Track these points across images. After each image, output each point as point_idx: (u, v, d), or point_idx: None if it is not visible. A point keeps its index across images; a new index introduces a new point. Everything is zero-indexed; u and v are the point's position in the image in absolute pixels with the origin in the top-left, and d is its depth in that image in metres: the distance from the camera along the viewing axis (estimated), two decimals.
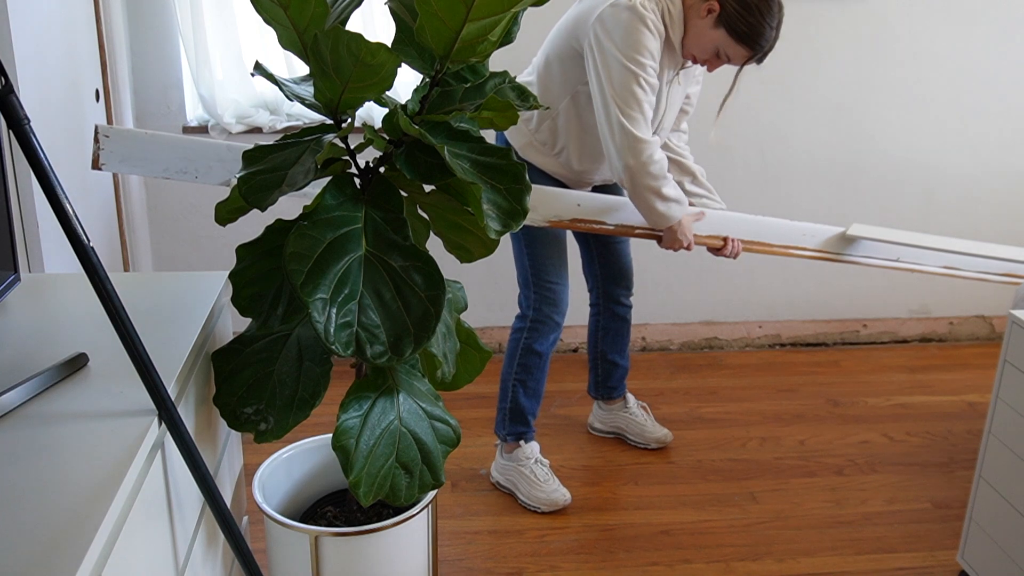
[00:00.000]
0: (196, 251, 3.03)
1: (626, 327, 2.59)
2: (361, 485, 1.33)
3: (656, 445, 2.63)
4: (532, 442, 2.41)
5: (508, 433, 2.40)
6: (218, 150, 1.95)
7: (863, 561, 2.16)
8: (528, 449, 2.39)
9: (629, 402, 2.67)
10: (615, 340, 2.60)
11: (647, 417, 2.67)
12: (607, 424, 2.70)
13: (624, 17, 2.02)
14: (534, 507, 2.32)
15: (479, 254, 1.51)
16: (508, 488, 2.40)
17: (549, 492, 2.32)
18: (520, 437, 2.40)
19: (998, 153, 3.27)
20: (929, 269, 2.44)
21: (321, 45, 1.20)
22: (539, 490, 2.33)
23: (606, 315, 2.58)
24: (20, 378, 1.10)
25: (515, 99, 1.38)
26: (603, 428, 2.71)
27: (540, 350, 2.35)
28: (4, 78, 0.97)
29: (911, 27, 3.08)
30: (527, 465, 2.37)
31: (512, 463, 2.39)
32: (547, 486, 2.34)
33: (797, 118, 3.15)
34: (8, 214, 1.27)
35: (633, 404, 2.68)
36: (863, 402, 2.96)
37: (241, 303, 1.39)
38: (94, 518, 0.86)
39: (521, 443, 2.40)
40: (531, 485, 2.34)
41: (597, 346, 2.63)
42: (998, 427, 1.88)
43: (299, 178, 1.24)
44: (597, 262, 2.54)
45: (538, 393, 2.40)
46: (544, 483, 2.34)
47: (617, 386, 2.65)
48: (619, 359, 2.62)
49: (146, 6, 2.77)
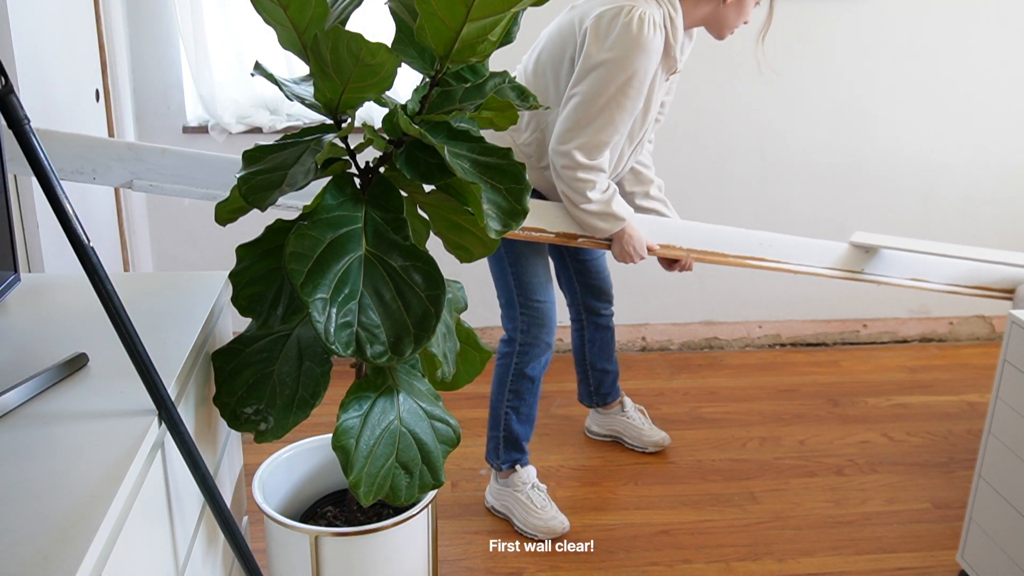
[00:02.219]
0: (196, 251, 3.02)
1: (610, 334, 2.57)
2: (361, 485, 1.33)
3: (654, 449, 2.61)
4: (528, 467, 2.32)
5: (503, 462, 2.31)
6: (118, 149, 1.85)
7: (863, 561, 2.16)
8: (524, 474, 2.29)
9: (626, 406, 2.65)
10: (602, 349, 2.58)
11: (644, 420, 2.65)
12: (604, 428, 2.68)
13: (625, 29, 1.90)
14: (531, 534, 2.23)
15: (479, 254, 1.51)
16: (504, 514, 2.31)
17: (547, 520, 2.23)
18: (516, 463, 2.31)
19: (998, 153, 3.27)
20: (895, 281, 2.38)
21: (321, 45, 1.20)
22: (536, 517, 2.23)
23: (590, 327, 2.56)
24: (20, 378, 1.10)
25: (515, 99, 1.38)
26: (600, 432, 2.69)
27: (532, 375, 2.25)
28: (4, 78, 0.97)
29: (911, 27, 3.08)
30: (523, 491, 2.27)
31: (508, 488, 2.29)
32: (544, 513, 2.24)
33: (797, 118, 3.15)
34: (8, 214, 1.27)
35: (630, 408, 2.65)
36: (863, 402, 2.96)
37: (241, 303, 1.39)
38: (94, 518, 0.86)
39: (517, 467, 2.30)
40: (527, 512, 2.24)
41: (585, 358, 2.60)
42: (998, 427, 1.88)
43: (299, 178, 1.24)
44: (576, 279, 2.50)
45: (531, 418, 2.31)
46: (541, 510, 2.24)
47: (611, 391, 2.64)
48: (608, 365, 2.60)
49: (146, 6, 2.77)
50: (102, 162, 1.84)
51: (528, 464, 2.33)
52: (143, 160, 1.86)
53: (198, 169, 1.90)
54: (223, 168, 1.92)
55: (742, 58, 3.03)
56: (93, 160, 1.84)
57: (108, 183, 1.86)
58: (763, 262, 2.30)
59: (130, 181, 1.86)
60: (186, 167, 1.89)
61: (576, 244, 2.17)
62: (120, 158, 1.85)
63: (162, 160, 1.88)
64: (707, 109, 3.09)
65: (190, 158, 1.90)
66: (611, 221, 2.08)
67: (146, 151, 1.88)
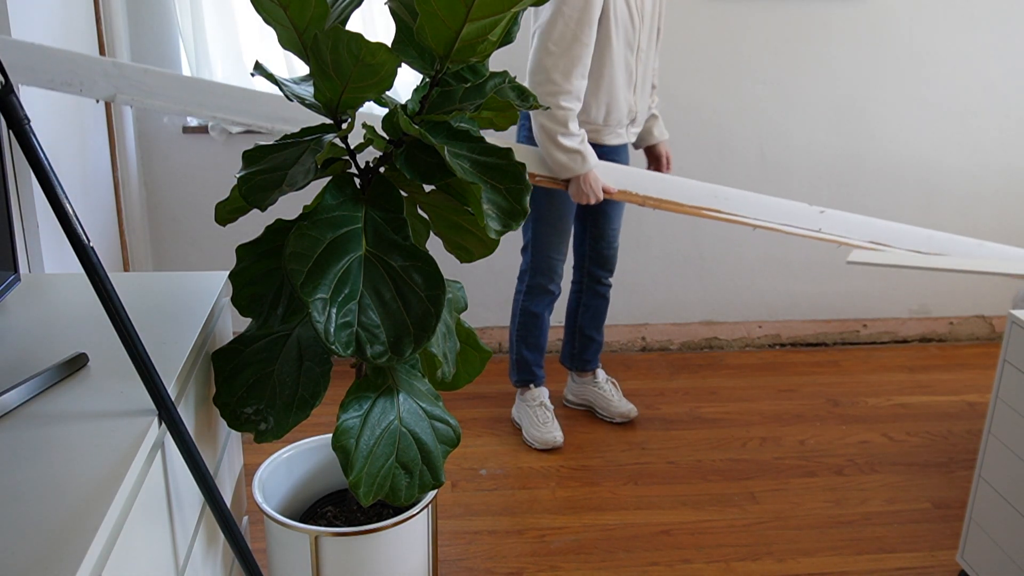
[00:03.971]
0: (196, 251, 3.03)
1: (604, 304, 2.76)
2: (361, 485, 1.33)
3: (620, 419, 2.77)
4: (541, 387, 2.71)
5: (516, 380, 2.71)
6: (104, 65, 2.03)
7: (863, 561, 2.16)
8: (535, 393, 2.69)
9: (599, 377, 2.82)
10: (594, 317, 2.76)
11: (614, 392, 2.82)
12: (579, 397, 2.85)
13: None
14: (530, 444, 2.61)
15: (479, 254, 1.51)
16: (519, 424, 2.70)
17: (544, 433, 2.60)
18: (529, 383, 2.69)
19: (998, 152, 3.27)
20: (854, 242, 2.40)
21: (321, 45, 1.20)
22: (537, 430, 2.61)
23: (588, 293, 2.74)
24: (20, 378, 1.10)
25: (515, 99, 1.38)
26: (575, 401, 2.86)
27: (536, 311, 2.62)
28: (4, 78, 0.97)
29: (911, 27, 3.08)
30: (532, 406, 2.66)
31: (523, 403, 2.69)
32: (544, 427, 2.61)
33: (797, 118, 3.15)
34: (8, 214, 1.27)
35: (603, 379, 2.82)
36: (863, 402, 2.96)
37: (241, 303, 1.39)
38: (94, 518, 0.86)
39: (531, 387, 2.69)
40: (531, 425, 2.63)
41: (576, 321, 2.78)
42: (998, 427, 1.89)
43: (299, 178, 1.24)
44: (588, 244, 2.67)
45: (539, 346, 2.67)
46: (543, 425, 2.62)
47: (591, 359, 2.81)
48: (595, 334, 2.78)
49: (146, 6, 2.77)
50: (88, 76, 2.00)
51: (541, 385, 2.71)
52: (126, 76, 2.05)
53: (175, 88, 2.09)
54: (199, 89, 2.10)
55: (743, 59, 3.03)
56: (80, 74, 2.00)
57: (93, 95, 2.02)
58: (719, 213, 2.39)
59: (113, 95, 2.03)
60: (164, 85, 2.07)
61: (534, 183, 2.37)
62: (105, 74, 2.02)
63: (143, 78, 2.06)
64: (707, 109, 3.09)
65: (168, 77, 2.09)
66: (579, 162, 2.29)
67: (129, 68, 2.07)
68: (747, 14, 2.97)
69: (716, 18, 2.97)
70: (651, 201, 2.37)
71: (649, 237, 3.18)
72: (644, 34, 2.36)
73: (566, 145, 2.26)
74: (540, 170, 2.35)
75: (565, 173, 2.31)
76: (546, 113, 2.23)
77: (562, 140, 2.25)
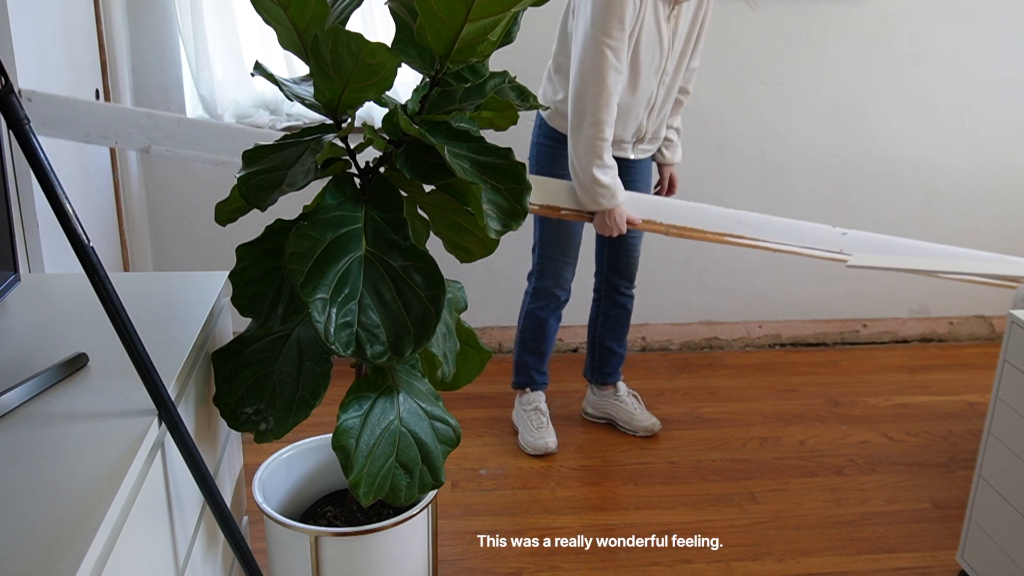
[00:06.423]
0: (196, 251, 3.02)
1: (626, 316, 2.69)
2: (361, 485, 1.33)
3: (644, 433, 2.70)
4: (537, 391, 2.68)
5: (514, 382, 2.70)
6: (137, 117, 2.06)
7: (863, 561, 2.16)
8: (531, 397, 2.66)
9: (620, 390, 2.76)
10: (614, 327, 2.69)
11: (637, 405, 2.74)
12: (599, 410, 2.78)
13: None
14: (523, 448, 2.58)
15: (479, 254, 1.51)
16: (516, 427, 2.67)
17: (537, 439, 2.57)
18: (525, 386, 2.68)
19: (998, 153, 3.27)
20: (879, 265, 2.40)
21: (321, 45, 1.20)
22: (530, 435, 2.59)
23: (607, 302, 2.68)
24: (20, 378, 1.10)
25: (515, 99, 1.38)
26: (595, 414, 2.79)
27: (541, 316, 2.59)
28: (4, 78, 0.97)
29: (911, 27, 3.08)
30: (527, 410, 2.64)
31: (519, 406, 2.68)
32: (538, 433, 2.58)
33: (797, 118, 3.15)
34: (8, 214, 1.27)
35: (624, 392, 2.76)
36: (863, 402, 2.96)
37: (241, 303, 1.39)
38: (94, 518, 0.86)
39: (527, 390, 2.67)
40: (526, 430, 2.61)
41: (596, 331, 2.72)
42: (998, 427, 1.88)
43: (299, 178, 1.24)
44: (607, 252, 2.62)
45: (540, 351, 2.65)
46: (537, 430, 2.59)
47: (612, 372, 2.75)
48: (616, 347, 2.72)
49: (146, 6, 2.77)
50: (124, 128, 2.04)
51: (539, 390, 2.69)
52: (160, 127, 2.08)
53: (209, 136, 2.11)
54: (232, 136, 2.13)
55: (743, 58, 3.03)
56: (115, 126, 2.04)
57: (129, 147, 2.09)
58: (741, 239, 2.36)
59: (148, 146, 2.07)
60: (198, 134, 2.10)
61: (559, 216, 2.35)
62: (139, 125, 2.05)
63: (176, 128, 2.09)
64: (707, 109, 3.09)
65: (202, 126, 2.12)
66: (609, 197, 2.26)
67: (163, 119, 2.09)
68: (747, 14, 2.97)
69: (716, 18, 2.97)
70: (674, 230, 2.34)
71: (649, 237, 3.18)
72: (673, 59, 2.30)
73: (600, 180, 2.22)
74: (568, 203, 2.33)
75: (593, 206, 2.28)
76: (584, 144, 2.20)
77: (597, 174, 2.22)
